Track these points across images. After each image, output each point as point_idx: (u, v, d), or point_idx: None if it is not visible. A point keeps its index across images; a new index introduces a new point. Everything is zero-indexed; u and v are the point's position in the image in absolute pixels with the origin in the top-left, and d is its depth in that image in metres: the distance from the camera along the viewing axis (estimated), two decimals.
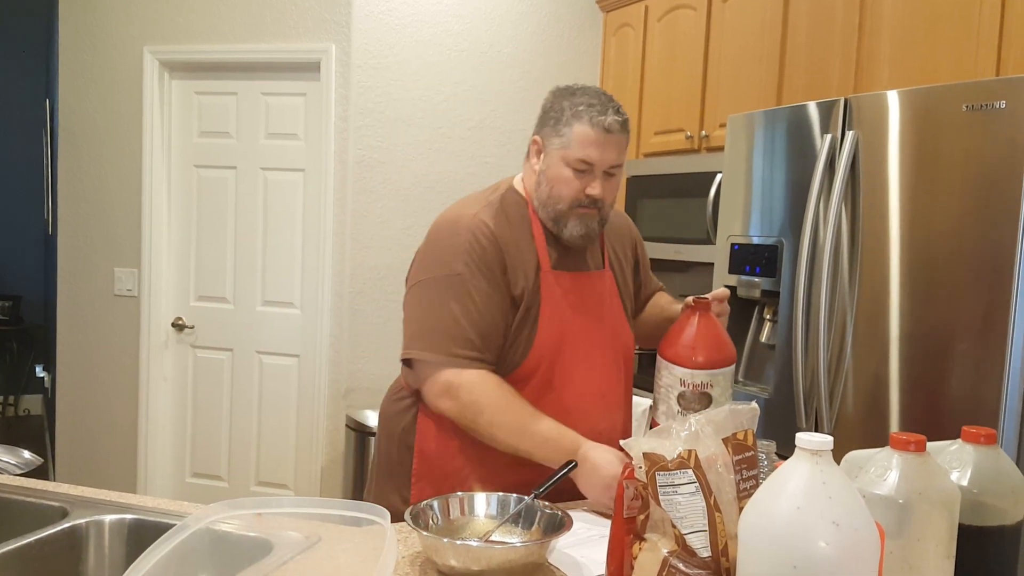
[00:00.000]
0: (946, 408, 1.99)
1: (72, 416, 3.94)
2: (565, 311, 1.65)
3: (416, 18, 3.64)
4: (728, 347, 1.65)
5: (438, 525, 1.32)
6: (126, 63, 3.74)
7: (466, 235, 1.61)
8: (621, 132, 1.60)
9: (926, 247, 2.04)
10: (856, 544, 0.88)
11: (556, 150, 1.61)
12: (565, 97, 1.62)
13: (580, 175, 1.60)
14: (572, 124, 1.59)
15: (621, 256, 1.83)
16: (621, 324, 1.77)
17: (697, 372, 1.59)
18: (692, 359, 1.60)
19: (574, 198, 1.61)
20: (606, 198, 1.63)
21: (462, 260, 1.59)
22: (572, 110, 1.59)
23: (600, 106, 1.58)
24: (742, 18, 3.14)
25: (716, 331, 1.64)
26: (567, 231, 1.63)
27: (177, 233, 3.84)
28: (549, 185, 1.63)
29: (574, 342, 1.65)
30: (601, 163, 1.59)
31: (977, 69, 2.26)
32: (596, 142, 1.57)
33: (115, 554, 1.33)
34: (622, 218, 1.90)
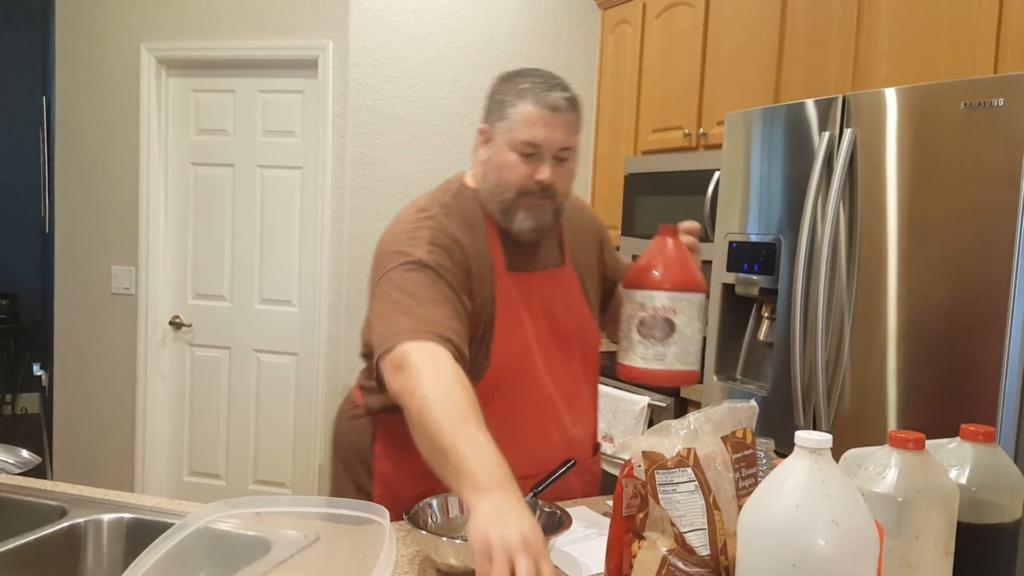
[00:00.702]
0: (944, 406, 1.99)
1: (69, 414, 3.94)
2: (524, 316, 1.54)
3: (414, 15, 3.63)
4: (694, 272, 1.52)
5: (437, 524, 1.31)
6: (123, 60, 3.73)
7: (425, 234, 1.47)
8: (569, 110, 1.48)
9: (924, 245, 2.05)
10: (855, 542, 0.88)
11: (501, 135, 1.48)
12: (508, 80, 1.52)
13: (527, 159, 1.47)
14: (516, 105, 1.47)
15: (584, 250, 1.71)
16: (587, 323, 1.67)
17: (657, 293, 1.48)
18: (651, 279, 1.49)
19: (522, 185, 1.47)
20: (558, 186, 1.49)
21: (425, 249, 1.45)
22: (515, 91, 1.48)
23: (545, 84, 1.47)
24: (740, 15, 3.14)
25: (681, 255, 1.52)
26: (516, 223, 1.50)
27: (174, 231, 3.83)
28: (495, 173, 1.50)
29: (537, 348, 1.55)
30: (549, 145, 1.46)
31: (975, 67, 2.26)
32: (542, 121, 1.45)
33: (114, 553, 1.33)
34: (583, 210, 1.77)
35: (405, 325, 1.36)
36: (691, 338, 1.50)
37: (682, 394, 3.00)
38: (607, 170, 3.95)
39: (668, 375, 1.51)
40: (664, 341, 1.48)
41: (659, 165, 3.45)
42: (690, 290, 1.50)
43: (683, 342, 1.49)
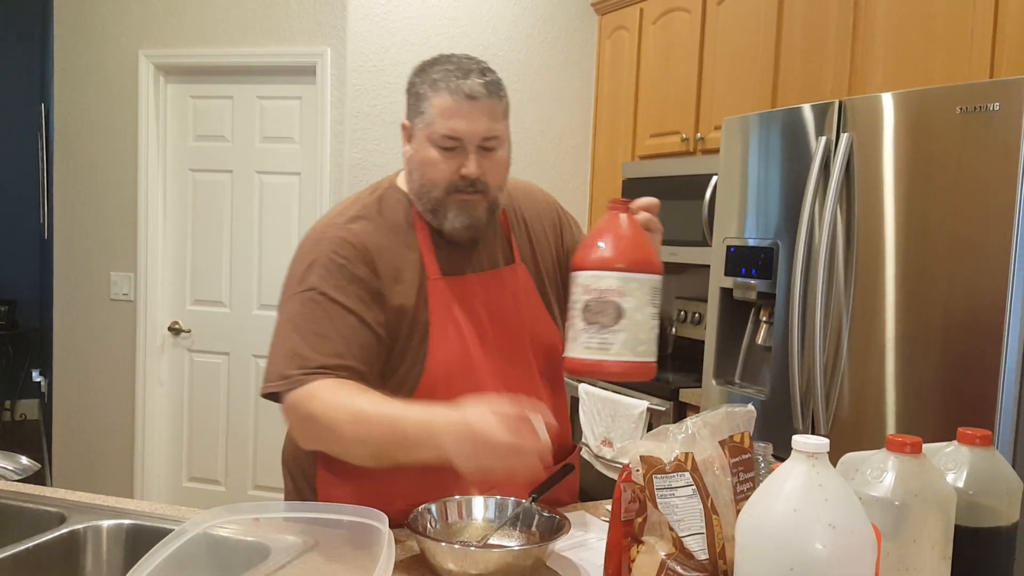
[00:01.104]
0: (942, 409, 2.00)
1: (68, 421, 3.93)
2: (462, 322, 1.42)
3: (411, 21, 3.64)
4: (648, 250, 1.35)
5: (436, 529, 1.32)
6: (121, 67, 3.74)
7: (327, 247, 1.39)
8: (489, 96, 1.37)
9: (921, 249, 2.05)
10: (853, 546, 0.88)
11: (420, 130, 1.38)
12: (423, 70, 1.40)
13: (450, 154, 1.37)
14: (430, 97, 1.36)
15: (538, 243, 1.57)
16: (542, 323, 1.53)
17: (603, 273, 1.30)
18: (597, 258, 1.32)
19: (448, 181, 1.37)
20: (488, 179, 1.39)
21: (318, 274, 1.37)
22: (429, 81, 1.37)
23: (459, 71, 1.36)
24: (736, 20, 3.15)
25: (634, 231, 1.35)
26: (448, 223, 1.40)
27: (173, 237, 3.83)
28: (419, 171, 1.40)
29: (479, 356, 1.43)
30: (470, 136, 1.36)
31: (971, 71, 2.27)
32: (459, 112, 1.34)
33: (113, 559, 1.33)
34: (534, 198, 1.63)
35: (291, 366, 1.33)
36: (642, 324, 1.33)
37: (681, 398, 3.00)
38: (605, 175, 3.96)
39: (616, 367, 1.32)
40: (611, 328, 1.30)
41: (657, 170, 3.45)
42: (642, 270, 1.32)
43: (633, 328, 1.31)
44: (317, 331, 1.34)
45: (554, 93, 3.98)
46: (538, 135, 3.95)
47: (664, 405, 3.02)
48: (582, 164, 4.09)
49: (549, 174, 3.98)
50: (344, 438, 1.27)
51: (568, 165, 4.05)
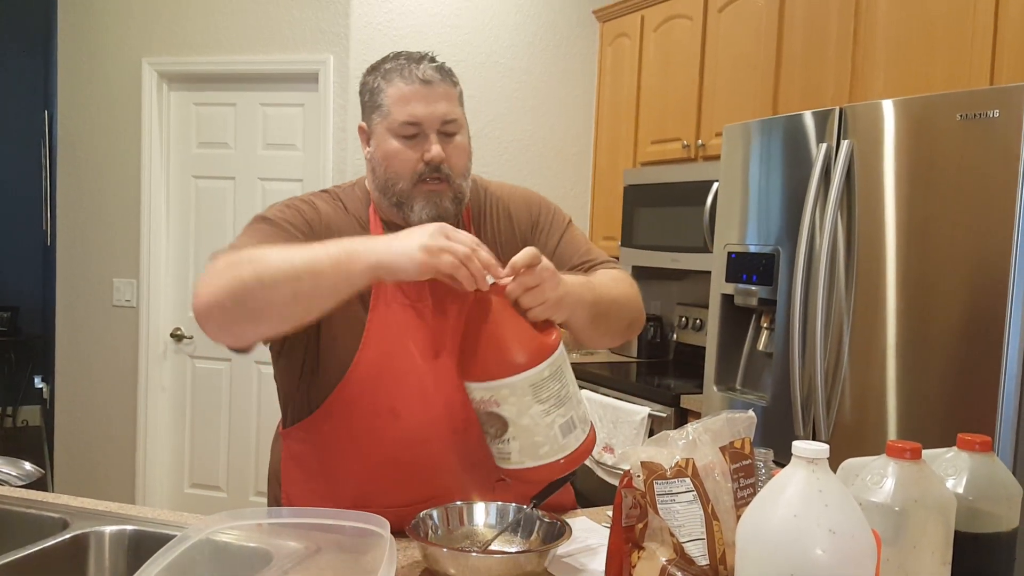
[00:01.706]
0: (942, 415, 2.00)
1: (71, 427, 3.94)
2: (403, 324, 1.40)
3: (414, 29, 3.66)
4: (509, 349, 1.18)
5: (437, 535, 1.32)
6: (124, 74, 3.75)
7: (288, 202, 1.42)
8: (443, 81, 1.39)
9: (921, 255, 2.06)
10: (853, 551, 0.88)
11: (379, 124, 1.39)
12: (374, 69, 1.42)
13: (412, 142, 1.36)
14: (385, 89, 1.37)
15: (505, 239, 1.51)
16: None
17: (471, 385, 1.22)
18: (462, 366, 1.23)
19: (413, 170, 1.37)
20: (452, 163, 1.38)
21: (273, 212, 1.39)
22: (382, 76, 1.38)
23: (410, 60, 1.38)
24: (737, 28, 3.16)
25: (494, 325, 1.19)
26: (414, 215, 1.38)
27: (176, 244, 3.84)
28: (383, 166, 1.39)
29: (420, 361, 1.40)
30: (430, 119, 1.36)
31: (971, 78, 2.28)
32: (416, 95, 1.35)
33: (116, 565, 1.33)
34: (512, 196, 1.57)
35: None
36: (533, 427, 1.19)
37: (682, 404, 3.00)
38: (606, 181, 3.97)
39: (523, 474, 1.23)
40: (502, 438, 1.21)
41: (658, 176, 3.46)
42: (507, 373, 1.17)
43: (524, 435, 1.19)
44: (256, 237, 1.33)
45: (556, 100, 3.99)
46: (540, 142, 3.96)
47: (665, 411, 3.02)
48: (583, 171, 4.10)
49: (551, 181, 3.99)
50: (269, 266, 1.20)
51: (569, 172, 4.06)
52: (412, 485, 1.39)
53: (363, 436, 1.40)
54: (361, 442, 1.40)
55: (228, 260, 1.23)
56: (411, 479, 1.40)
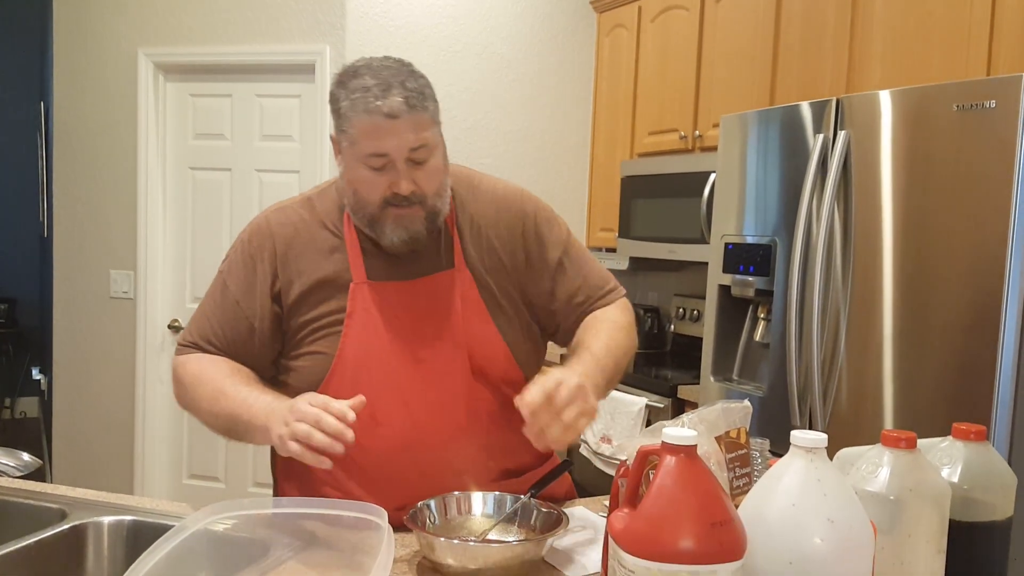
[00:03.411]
0: (940, 405, 2.00)
1: (68, 418, 3.94)
2: (382, 330, 1.40)
3: (410, 19, 3.65)
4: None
5: (435, 524, 1.32)
6: (120, 65, 3.74)
7: (246, 234, 1.50)
8: (412, 111, 1.31)
9: (918, 245, 2.06)
10: (850, 540, 0.89)
11: (347, 149, 1.35)
12: (342, 84, 1.35)
13: (380, 172, 1.34)
14: (351, 118, 1.32)
15: (495, 248, 1.48)
16: (481, 329, 1.44)
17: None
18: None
19: (382, 196, 1.35)
20: (423, 189, 1.35)
21: (230, 258, 1.50)
22: (349, 100, 1.32)
23: (379, 86, 1.30)
24: (735, 18, 3.16)
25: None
26: (386, 236, 1.37)
27: (172, 235, 3.84)
28: (351, 189, 1.38)
29: (399, 367, 1.40)
30: (397, 151, 1.31)
31: (968, 69, 2.28)
32: (381, 131, 1.30)
33: (114, 555, 1.34)
34: (506, 204, 1.52)
35: (183, 335, 1.52)
36: None
37: (679, 395, 3.01)
38: (603, 173, 3.97)
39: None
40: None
41: (655, 167, 3.46)
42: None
43: None
44: (208, 310, 1.50)
45: (553, 91, 3.98)
46: (537, 133, 3.96)
47: (662, 402, 3.02)
48: (581, 162, 4.09)
49: (548, 172, 3.98)
50: (199, 411, 1.43)
51: (567, 163, 4.06)
52: (398, 492, 1.36)
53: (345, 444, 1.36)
54: (346, 450, 1.35)
55: (184, 377, 1.47)
56: (396, 486, 1.38)
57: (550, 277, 1.51)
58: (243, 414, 1.33)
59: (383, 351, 1.40)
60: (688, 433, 0.91)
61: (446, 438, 1.41)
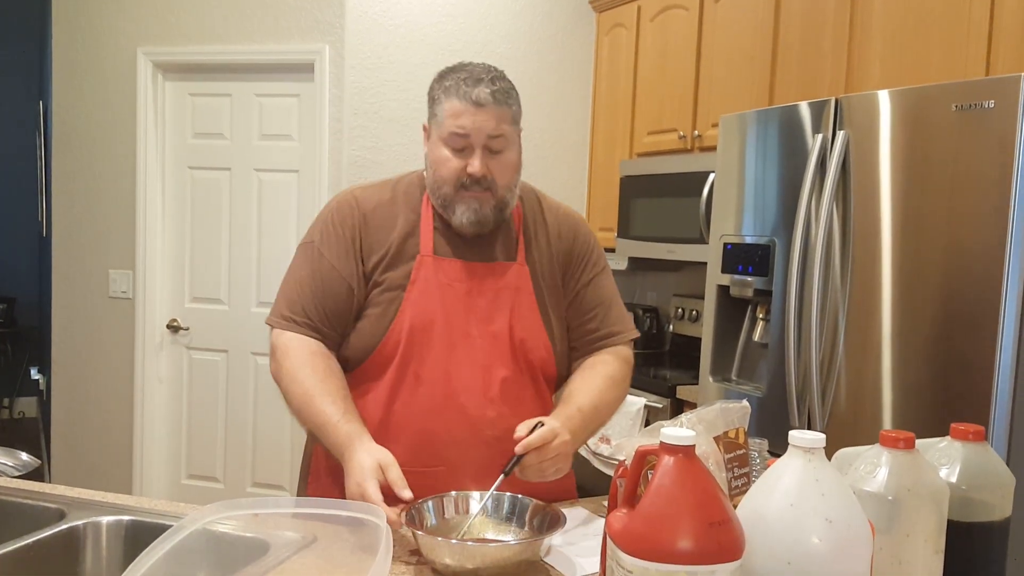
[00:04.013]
0: (938, 406, 2.01)
1: (67, 418, 3.94)
2: (439, 300, 1.52)
3: (409, 18, 3.64)
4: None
5: (432, 524, 1.32)
6: (119, 64, 3.74)
7: (332, 205, 1.60)
8: (496, 104, 1.47)
9: (917, 245, 2.06)
10: (849, 540, 0.89)
11: (435, 131, 1.52)
12: (442, 77, 1.53)
13: (459, 153, 1.49)
14: (443, 102, 1.49)
15: (550, 255, 1.63)
16: (528, 322, 1.57)
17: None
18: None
19: (456, 178, 1.49)
20: (495, 177, 1.50)
21: (320, 229, 1.59)
22: (443, 88, 1.50)
23: (471, 79, 1.48)
24: (734, 18, 3.16)
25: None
26: (456, 217, 1.52)
27: (171, 234, 3.84)
28: (432, 168, 1.53)
29: (449, 334, 1.52)
30: (476, 135, 1.47)
31: (967, 69, 2.28)
32: (466, 113, 1.46)
33: (113, 555, 1.34)
34: (571, 221, 1.70)
35: (280, 309, 1.58)
36: None
37: (678, 395, 3.01)
38: (602, 172, 3.97)
39: None
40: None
41: (654, 167, 3.46)
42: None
43: None
44: (306, 282, 1.56)
45: (552, 90, 3.98)
46: (536, 132, 3.96)
47: (661, 402, 3.03)
48: (580, 161, 4.09)
49: (547, 171, 3.98)
50: (290, 404, 1.51)
51: (566, 162, 4.06)
52: (426, 451, 1.49)
53: (387, 399, 1.52)
54: (387, 401, 1.52)
55: (283, 362, 1.53)
56: (426, 445, 1.49)
57: (577, 295, 1.65)
58: (330, 433, 1.43)
59: (436, 320, 1.51)
60: (686, 433, 0.91)
61: (478, 406, 1.50)
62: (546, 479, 1.40)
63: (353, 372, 1.56)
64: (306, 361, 1.50)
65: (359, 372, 1.55)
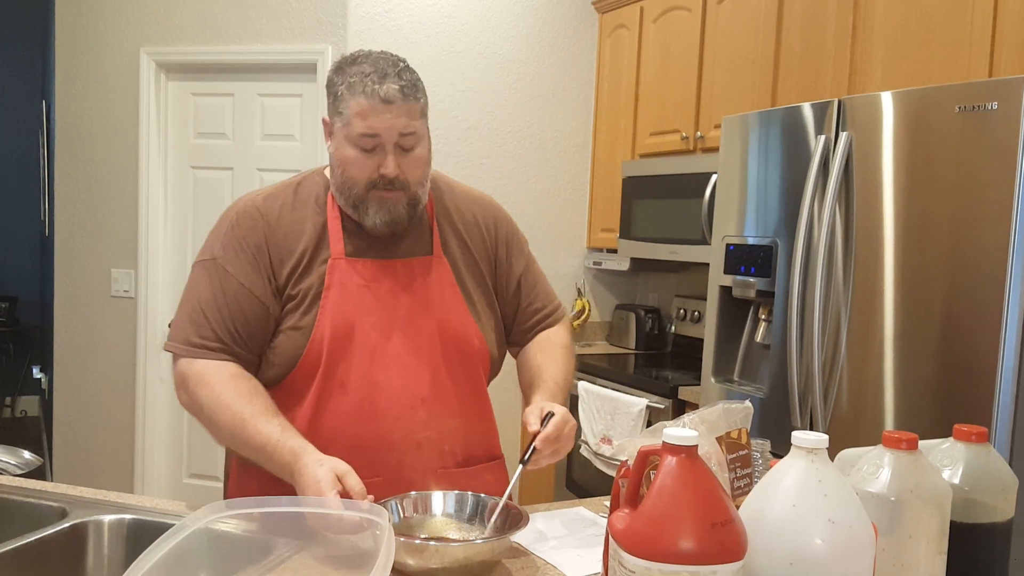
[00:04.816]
0: (940, 407, 2.00)
1: (69, 417, 3.94)
2: (357, 302, 1.45)
3: (412, 19, 3.65)
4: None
5: (394, 524, 1.31)
6: (122, 64, 3.74)
7: (232, 217, 1.51)
8: (405, 100, 1.39)
9: (919, 247, 2.06)
10: (851, 541, 0.89)
11: (339, 129, 1.42)
12: (341, 70, 1.43)
13: (369, 154, 1.41)
14: (347, 99, 1.39)
15: (469, 244, 1.59)
16: (455, 315, 1.52)
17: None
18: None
19: (368, 179, 1.42)
20: (407, 176, 1.43)
21: (220, 243, 1.48)
22: (346, 83, 1.40)
23: (377, 73, 1.38)
24: (736, 20, 3.16)
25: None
26: (369, 218, 1.44)
27: (174, 234, 3.84)
28: (339, 168, 1.44)
29: (372, 337, 1.45)
30: (388, 133, 1.39)
31: (969, 71, 2.28)
32: (375, 112, 1.38)
33: (114, 554, 1.34)
34: (483, 205, 1.65)
35: (183, 334, 1.47)
36: None
37: (680, 396, 3.01)
38: (605, 173, 3.97)
39: None
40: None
41: (657, 168, 3.46)
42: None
43: None
44: (211, 303, 1.45)
45: (554, 92, 3.98)
46: (538, 133, 3.96)
47: (663, 403, 3.02)
48: (582, 163, 4.09)
49: (549, 172, 3.98)
50: (218, 434, 1.42)
51: (568, 163, 4.06)
52: (360, 462, 1.38)
53: (312, 413, 1.45)
54: (312, 415, 1.45)
55: (198, 394, 1.42)
56: (360, 453, 1.41)
57: (515, 281, 1.63)
58: (271, 454, 1.33)
59: (356, 324, 1.45)
60: (689, 433, 0.91)
61: (408, 408, 1.46)
62: (554, 461, 1.41)
63: (275, 389, 1.46)
64: (227, 385, 1.40)
65: (282, 388, 1.47)
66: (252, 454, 1.37)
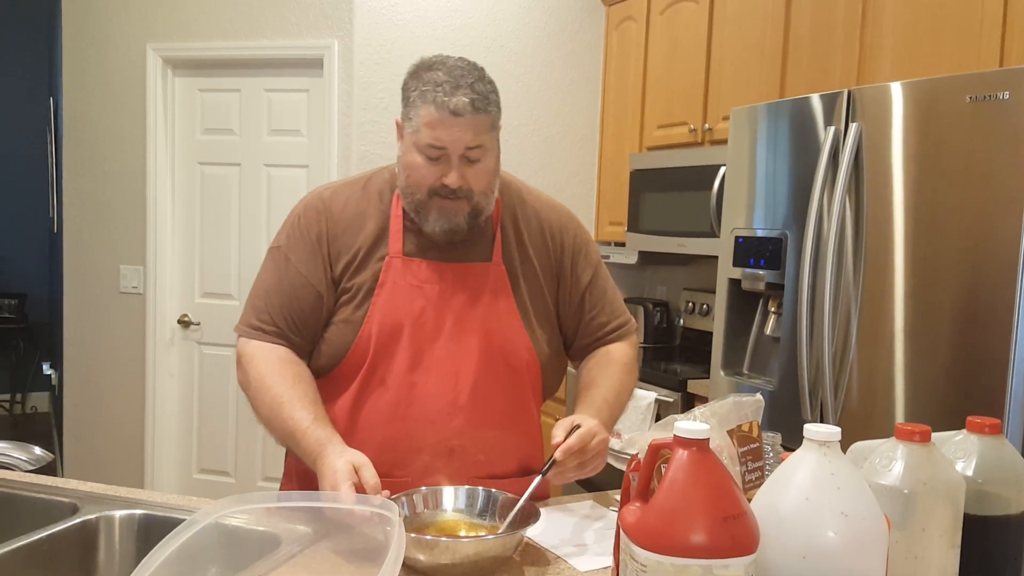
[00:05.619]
0: (952, 399, 1.99)
1: (79, 413, 3.96)
2: (408, 302, 1.46)
3: (418, 13, 3.64)
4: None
5: (406, 519, 1.31)
6: (129, 60, 3.75)
7: (300, 208, 1.54)
8: (475, 113, 1.38)
9: (930, 238, 2.05)
10: (864, 534, 0.88)
11: (408, 135, 1.43)
12: (416, 75, 1.43)
13: (434, 162, 1.41)
14: (419, 107, 1.40)
15: (531, 253, 1.56)
16: (505, 324, 1.50)
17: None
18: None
19: (431, 187, 1.42)
20: (472, 185, 1.42)
21: (287, 233, 1.53)
22: (419, 91, 1.40)
23: (449, 84, 1.38)
24: (744, 11, 3.14)
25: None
26: (428, 224, 1.45)
27: (182, 230, 3.85)
28: (405, 172, 1.45)
29: (417, 339, 1.46)
30: (454, 147, 1.39)
31: (980, 60, 2.26)
32: (443, 124, 1.37)
33: (125, 549, 1.34)
34: (554, 214, 1.62)
35: (247, 317, 1.51)
36: None
37: (689, 389, 3.00)
38: (612, 166, 3.96)
39: None
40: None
41: (665, 161, 3.45)
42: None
43: None
44: (272, 289, 1.50)
45: (561, 85, 3.97)
46: (545, 127, 3.95)
47: (672, 396, 3.02)
48: (589, 155, 4.08)
49: (556, 166, 3.98)
50: (258, 413, 1.46)
51: (575, 157, 4.05)
52: (391, 460, 1.43)
53: (352, 405, 1.47)
54: (352, 408, 1.47)
55: (249, 372, 1.47)
56: (389, 453, 1.43)
57: (580, 293, 1.60)
58: (299, 440, 1.37)
59: (404, 324, 1.46)
60: (700, 427, 0.90)
61: (444, 414, 1.45)
62: (584, 476, 1.39)
63: (324, 380, 1.50)
64: (274, 368, 1.44)
65: (330, 379, 1.50)
66: (283, 437, 1.41)
